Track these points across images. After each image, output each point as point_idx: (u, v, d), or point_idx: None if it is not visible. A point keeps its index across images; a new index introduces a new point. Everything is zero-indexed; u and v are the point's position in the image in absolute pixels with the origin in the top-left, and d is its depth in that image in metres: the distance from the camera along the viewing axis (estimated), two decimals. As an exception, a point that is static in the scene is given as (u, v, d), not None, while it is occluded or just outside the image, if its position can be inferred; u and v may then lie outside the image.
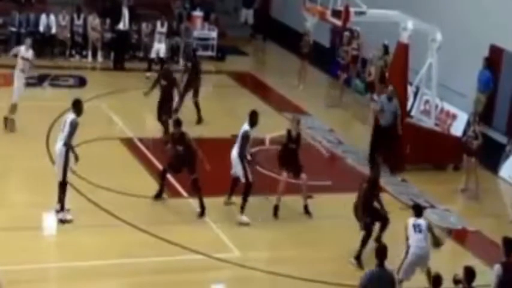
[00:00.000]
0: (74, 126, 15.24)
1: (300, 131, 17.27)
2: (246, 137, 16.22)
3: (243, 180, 16.22)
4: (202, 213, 16.38)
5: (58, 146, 15.39)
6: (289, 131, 17.07)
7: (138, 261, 14.48)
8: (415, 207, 14.60)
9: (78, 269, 14.05)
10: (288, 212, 16.87)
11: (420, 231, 14.05)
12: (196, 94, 21.49)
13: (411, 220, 14.21)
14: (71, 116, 15.41)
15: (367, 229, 15.25)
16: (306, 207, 16.91)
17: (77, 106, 15.49)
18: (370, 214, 15.32)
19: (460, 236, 17.31)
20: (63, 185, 15.32)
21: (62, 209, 15.44)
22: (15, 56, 19.79)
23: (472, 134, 18.93)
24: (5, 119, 19.40)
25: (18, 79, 19.60)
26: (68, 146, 15.22)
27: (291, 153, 16.90)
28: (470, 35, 22.48)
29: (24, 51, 19.62)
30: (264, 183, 17.62)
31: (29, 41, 19.97)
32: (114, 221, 15.73)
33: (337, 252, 15.59)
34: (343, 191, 17.89)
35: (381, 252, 11.95)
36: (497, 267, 12.23)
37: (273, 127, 21.67)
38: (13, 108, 19.40)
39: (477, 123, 19.27)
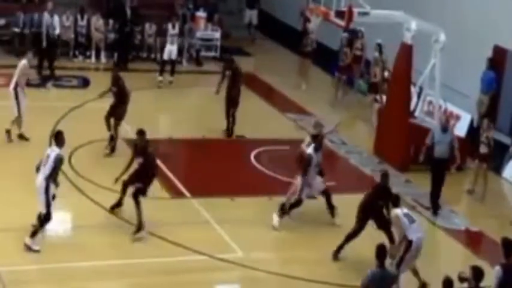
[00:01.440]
0: (58, 162, 14.42)
1: (323, 135, 17.24)
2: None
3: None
4: (138, 230, 15.28)
5: (39, 179, 14.50)
6: (316, 136, 17.02)
7: (141, 261, 14.47)
8: (394, 199, 14.49)
9: (80, 269, 14.04)
10: (292, 213, 16.84)
11: (413, 220, 14.06)
12: (235, 105, 20.70)
13: (398, 211, 14.14)
14: (55, 150, 14.51)
15: (357, 228, 15.15)
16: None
17: (59, 138, 14.67)
18: (367, 216, 15.19)
19: (463, 236, 17.28)
20: (46, 218, 14.43)
21: (33, 235, 14.45)
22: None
23: (485, 140, 18.88)
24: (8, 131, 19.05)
25: (21, 95, 19.00)
26: (49, 182, 14.38)
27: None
28: (474, 36, 22.46)
29: (27, 66, 19.12)
30: (267, 183, 17.65)
31: (30, 54, 19.49)
32: (116, 221, 15.73)
33: (341, 253, 15.56)
34: (347, 191, 17.90)
35: (381, 252, 11.91)
36: (497, 269, 12.17)
37: (276, 128, 21.76)
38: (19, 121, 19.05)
39: (491, 129, 19.21)
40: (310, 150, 16.10)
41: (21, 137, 19.03)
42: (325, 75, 27.21)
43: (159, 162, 18.11)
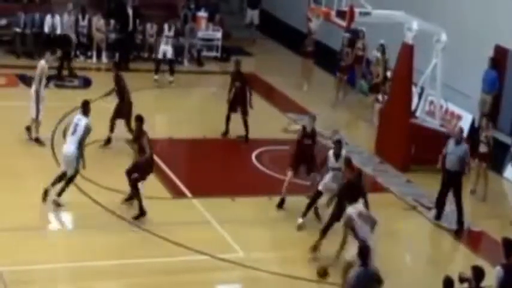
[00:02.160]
0: (87, 131, 15.82)
1: (314, 128, 17.23)
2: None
3: None
4: (139, 216, 15.86)
5: (70, 148, 15.84)
6: (304, 127, 17.12)
7: (142, 261, 14.47)
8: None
9: (81, 269, 14.05)
10: (291, 212, 16.86)
11: (366, 221, 13.86)
12: (245, 111, 20.64)
13: (352, 210, 13.89)
14: (83, 119, 15.84)
15: (329, 221, 15.15)
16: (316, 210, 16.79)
17: (86, 107, 16.02)
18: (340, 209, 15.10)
19: (464, 236, 17.27)
20: (71, 178, 15.89)
21: (60, 194, 15.89)
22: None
23: (484, 140, 18.90)
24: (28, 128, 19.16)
25: (41, 97, 18.86)
26: (81, 150, 15.75)
27: (306, 148, 16.89)
28: (475, 36, 22.46)
29: (46, 67, 19.04)
30: (268, 184, 17.66)
31: (48, 55, 19.42)
32: (117, 221, 15.74)
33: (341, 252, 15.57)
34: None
35: (364, 251, 11.94)
36: (498, 270, 12.15)
37: (278, 127, 21.76)
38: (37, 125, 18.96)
39: (490, 128, 19.21)
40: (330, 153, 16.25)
41: (37, 140, 18.86)
42: (326, 76, 27.21)
43: (159, 162, 18.22)
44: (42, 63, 18.94)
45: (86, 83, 24.19)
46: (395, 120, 20.27)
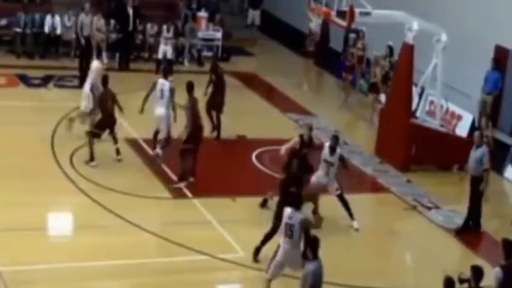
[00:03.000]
0: (173, 92, 18.41)
1: (311, 136, 17.32)
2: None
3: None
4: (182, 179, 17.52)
5: (161, 110, 18.40)
6: (301, 136, 17.13)
7: (143, 261, 14.47)
8: (290, 195, 13.75)
9: (83, 270, 14.04)
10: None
11: (291, 236, 13.11)
12: (220, 110, 20.69)
13: (287, 213, 13.26)
14: (166, 83, 18.51)
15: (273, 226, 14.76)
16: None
17: (166, 70, 19.87)
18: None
19: (464, 236, 17.26)
20: (167, 140, 18.34)
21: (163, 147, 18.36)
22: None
23: (485, 140, 18.89)
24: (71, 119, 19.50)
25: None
26: (174, 109, 18.28)
27: (303, 158, 16.64)
28: (476, 36, 22.45)
29: (102, 67, 19.91)
30: (268, 183, 17.62)
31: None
32: (118, 222, 15.73)
33: (340, 252, 15.58)
34: (347, 191, 17.89)
35: (315, 244, 11.97)
36: (497, 270, 12.13)
37: (278, 127, 21.76)
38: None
39: (490, 128, 19.20)
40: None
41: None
42: (327, 76, 27.20)
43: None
44: (96, 64, 19.86)
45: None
46: (396, 120, 20.26)
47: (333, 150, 16.45)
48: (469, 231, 17.15)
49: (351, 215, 16.59)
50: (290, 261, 13.24)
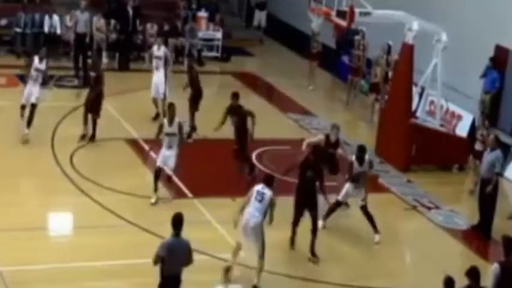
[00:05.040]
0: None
1: (338, 137, 17.48)
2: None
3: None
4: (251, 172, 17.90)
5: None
6: (327, 136, 17.26)
7: (143, 261, 14.38)
8: (266, 178, 14.34)
9: (82, 270, 14.04)
10: (291, 213, 16.85)
11: (261, 200, 13.92)
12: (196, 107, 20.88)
13: (258, 186, 14.08)
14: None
15: None
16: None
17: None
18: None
19: (464, 236, 17.27)
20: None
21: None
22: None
23: (480, 138, 18.94)
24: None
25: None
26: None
27: (325, 155, 16.88)
28: (476, 36, 22.43)
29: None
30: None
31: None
32: (118, 222, 15.73)
33: (340, 252, 15.57)
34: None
35: (178, 221, 12.03)
36: (495, 267, 12.18)
37: (278, 127, 21.75)
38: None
39: (486, 128, 19.23)
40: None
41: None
42: (328, 76, 27.19)
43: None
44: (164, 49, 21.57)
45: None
46: (396, 120, 20.26)
47: (361, 160, 16.23)
48: (478, 233, 17.17)
49: (374, 227, 16.30)
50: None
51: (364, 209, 16.26)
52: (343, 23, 20.05)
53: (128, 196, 16.67)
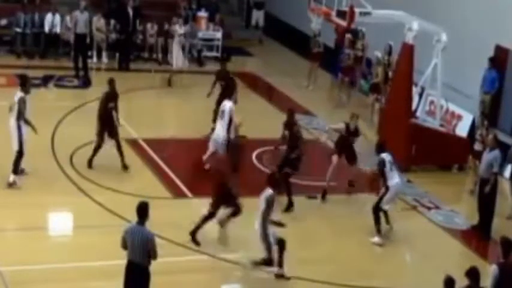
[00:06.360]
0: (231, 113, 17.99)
1: (357, 125, 18.04)
2: None
3: None
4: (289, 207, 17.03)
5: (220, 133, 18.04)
6: (347, 125, 17.85)
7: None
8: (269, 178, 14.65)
9: (82, 269, 14.06)
10: (293, 212, 16.87)
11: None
12: None
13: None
14: (227, 104, 18.11)
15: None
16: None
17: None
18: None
19: (464, 236, 17.28)
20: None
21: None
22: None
23: (479, 138, 18.96)
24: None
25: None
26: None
27: (347, 143, 17.81)
28: (476, 36, 22.45)
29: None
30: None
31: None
32: (119, 222, 15.71)
33: (340, 252, 15.58)
34: (348, 192, 17.92)
35: (141, 209, 12.14)
36: (494, 268, 12.19)
37: (278, 127, 21.73)
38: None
39: (485, 128, 19.25)
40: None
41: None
42: (328, 76, 27.19)
43: (160, 162, 18.21)
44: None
45: (86, 83, 24.19)
46: (396, 120, 20.26)
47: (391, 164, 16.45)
48: (478, 233, 17.18)
49: (378, 230, 16.34)
50: None
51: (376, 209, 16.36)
52: (343, 23, 20.05)
53: (128, 196, 16.66)
